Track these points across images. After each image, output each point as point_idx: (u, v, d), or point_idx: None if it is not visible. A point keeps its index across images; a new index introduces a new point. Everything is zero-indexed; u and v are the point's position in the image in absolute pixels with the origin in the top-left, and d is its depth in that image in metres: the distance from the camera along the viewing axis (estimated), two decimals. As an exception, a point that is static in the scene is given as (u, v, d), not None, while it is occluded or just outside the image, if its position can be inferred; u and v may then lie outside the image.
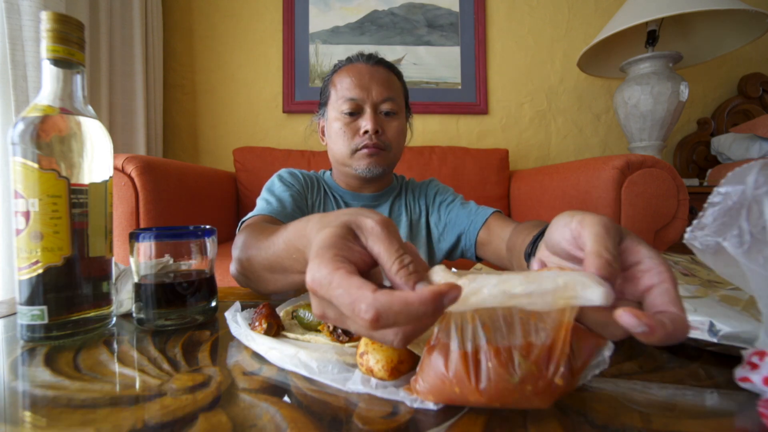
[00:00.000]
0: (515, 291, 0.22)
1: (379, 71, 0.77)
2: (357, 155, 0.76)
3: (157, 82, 1.67)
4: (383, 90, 0.75)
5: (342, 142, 0.76)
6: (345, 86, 0.75)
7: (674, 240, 1.06)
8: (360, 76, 0.75)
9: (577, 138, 1.91)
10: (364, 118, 0.74)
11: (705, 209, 0.25)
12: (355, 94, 0.74)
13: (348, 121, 0.75)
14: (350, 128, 0.75)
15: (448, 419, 0.22)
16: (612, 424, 0.21)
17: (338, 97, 0.76)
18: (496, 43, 1.86)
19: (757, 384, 0.22)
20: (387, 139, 0.76)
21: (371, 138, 0.73)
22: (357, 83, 0.74)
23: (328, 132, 0.80)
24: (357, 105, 0.74)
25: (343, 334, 0.32)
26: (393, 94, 0.76)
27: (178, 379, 0.28)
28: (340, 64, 0.81)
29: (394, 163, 0.81)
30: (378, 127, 0.73)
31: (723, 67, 1.89)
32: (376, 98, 0.74)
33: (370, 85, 0.74)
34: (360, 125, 0.74)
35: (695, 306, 0.32)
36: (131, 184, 1.00)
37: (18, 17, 1.09)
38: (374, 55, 0.79)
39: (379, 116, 0.75)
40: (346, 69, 0.77)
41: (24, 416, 0.24)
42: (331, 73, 0.81)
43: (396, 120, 0.77)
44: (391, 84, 0.77)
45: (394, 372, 0.25)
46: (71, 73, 0.38)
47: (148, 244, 0.39)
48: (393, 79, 0.79)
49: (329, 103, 0.79)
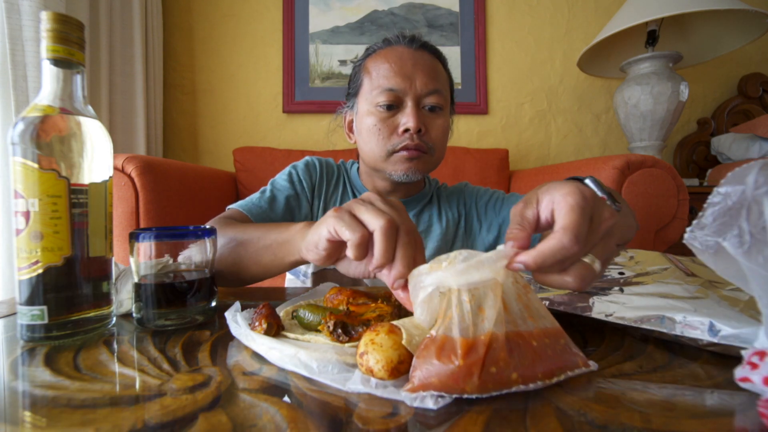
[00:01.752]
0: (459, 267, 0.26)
1: (424, 57, 0.64)
2: (394, 158, 0.64)
3: (157, 82, 1.67)
4: (429, 80, 0.62)
5: (376, 142, 0.64)
6: (382, 74, 0.63)
7: (674, 240, 1.06)
8: (401, 62, 0.62)
9: (577, 138, 1.91)
10: (404, 114, 0.62)
11: (705, 209, 0.25)
12: (394, 84, 0.62)
13: (384, 117, 0.63)
14: (387, 125, 0.63)
15: (448, 419, 0.22)
16: (612, 424, 0.21)
17: (373, 87, 0.64)
18: (496, 43, 1.86)
19: (757, 384, 0.22)
20: (431, 140, 0.64)
21: (413, 138, 0.62)
22: (397, 70, 0.62)
23: (358, 128, 0.68)
24: (397, 97, 0.62)
25: (343, 334, 0.32)
26: (439, 85, 0.64)
27: (178, 379, 0.28)
28: (375, 46, 0.68)
29: (434, 168, 0.70)
30: (421, 124, 0.62)
31: (723, 67, 1.89)
32: (420, 90, 0.62)
33: (414, 74, 0.62)
34: (399, 122, 0.63)
35: (695, 306, 0.32)
36: (131, 184, 1.00)
37: (18, 17, 1.09)
38: (418, 37, 0.66)
39: (422, 112, 0.63)
40: (384, 53, 0.65)
41: (24, 416, 0.24)
42: (364, 57, 0.68)
43: (441, 117, 0.65)
44: (438, 73, 0.65)
45: (394, 372, 0.25)
46: (71, 73, 0.38)
47: (148, 244, 0.39)
48: (439, 67, 0.66)
49: (360, 94, 0.67)
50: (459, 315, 0.25)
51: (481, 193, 0.79)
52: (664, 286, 0.37)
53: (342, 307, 0.38)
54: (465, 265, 0.26)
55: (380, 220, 0.33)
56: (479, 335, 0.24)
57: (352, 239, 0.34)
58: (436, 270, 0.27)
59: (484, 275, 0.26)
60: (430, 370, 0.24)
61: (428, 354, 0.24)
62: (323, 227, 0.36)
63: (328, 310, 0.36)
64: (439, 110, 0.65)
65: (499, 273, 0.26)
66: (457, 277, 0.26)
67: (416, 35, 0.66)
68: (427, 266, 0.28)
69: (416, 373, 0.24)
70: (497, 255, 0.27)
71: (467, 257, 0.27)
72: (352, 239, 0.34)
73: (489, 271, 0.26)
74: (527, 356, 0.25)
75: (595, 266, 0.29)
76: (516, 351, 0.25)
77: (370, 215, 0.34)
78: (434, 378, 0.24)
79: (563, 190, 0.30)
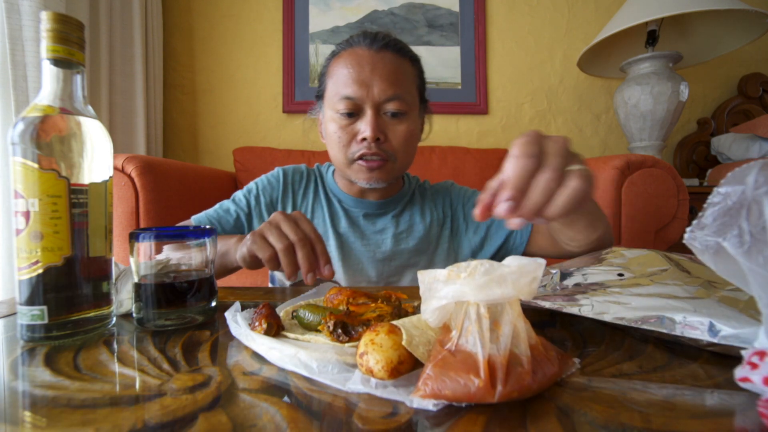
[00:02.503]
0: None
1: (386, 59, 0.62)
2: (355, 166, 0.65)
3: (157, 82, 1.67)
4: (387, 86, 0.61)
5: (338, 149, 0.64)
6: (341, 80, 0.62)
7: (674, 240, 1.06)
8: (359, 67, 0.61)
9: (577, 138, 1.90)
10: (363, 121, 0.62)
11: (705, 209, 0.25)
12: (351, 92, 0.61)
13: (344, 124, 0.63)
14: (347, 133, 0.63)
15: (448, 419, 0.22)
16: (612, 424, 0.21)
17: (334, 93, 0.63)
18: (496, 43, 1.86)
19: (757, 384, 0.22)
20: (391, 148, 0.63)
21: (370, 147, 0.62)
22: (355, 77, 0.60)
23: (324, 132, 0.69)
24: (355, 104, 0.61)
25: (343, 334, 0.32)
26: (401, 90, 0.62)
27: (178, 379, 0.28)
28: (338, 47, 0.67)
29: (401, 173, 0.70)
30: (379, 133, 0.61)
31: (723, 67, 1.89)
32: (379, 97, 0.61)
33: (372, 80, 0.60)
34: (358, 129, 0.62)
35: (695, 306, 0.32)
36: (131, 184, 1.00)
37: (18, 17, 1.09)
38: (381, 35, 0.63)
39: (382, 118, 0.62)
40: (345, 55, 0.63)
41: (24, 416, 0.24)
42: (329, 59, 0.67)
43: (404, 123, 0.63)
44: (401, 75, 0.63)
45: (393, 372, 0.25)
46: (71, 73, 0.38)
47: (148, 244, 0.39)
48: (404, 67, 0.64)
49: (325, 98, 0.67)
50: (479, 331, 0.24)
51: (469, 195, 0.78)
52: (664, 287, 0.37)
53: (342, 307, 0.38)
54: (486, 279, 0.24)
55: (279, 243, 0.46)
56: (500, 353, 0.24)
57: (263, 258, 0.47)
58: (454, 280, 0.26)
59: (506, 292, 0.24)
60: (446, 383, 0.23)
61: (446, 367, 0.24)
62: (245, 247, 0.49)
63: (328, 310, 0.36)
64: (402, 116, 0.63)
65: (522, 291, 0.25)
66: (476, 291, 0.25)
67: (380, 34, 0.63)
68: (445, 273, 0.27)
69: (430, 383, 0.24)
70: (520, 270, 0.25)
71: (488, 270, 0.25)
72: (263, 258, 0.47)
73: (511, 288, 0.24)
74: (545, 370, 0.25)
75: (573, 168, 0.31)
76: (538, 369, 0.24)
77: (274, 238, 0.46)
78: (449, 391, 0.23)
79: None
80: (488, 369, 0.23)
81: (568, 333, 0.37)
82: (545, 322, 0.39)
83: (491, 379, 0.23)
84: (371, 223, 0.73)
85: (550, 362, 0.26)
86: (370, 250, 0.71)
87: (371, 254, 0.70)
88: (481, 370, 0.23)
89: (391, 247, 0.71)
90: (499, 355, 0.24)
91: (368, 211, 0.73)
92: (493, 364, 0.23)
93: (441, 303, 0.26)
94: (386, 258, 0.71)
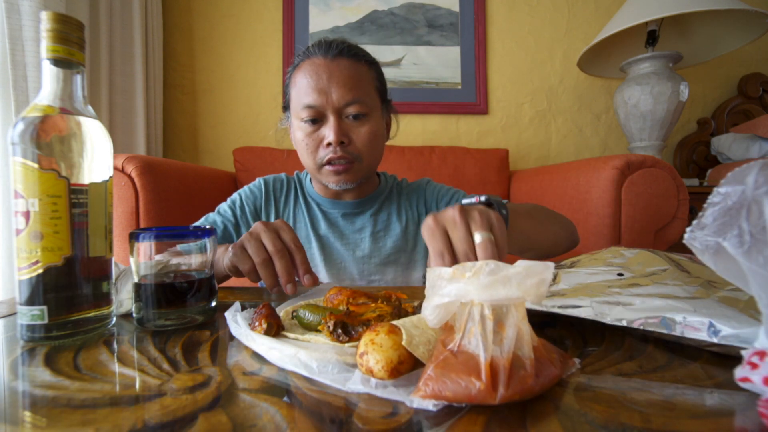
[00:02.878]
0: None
1: (341, 65, 0.64)
2: (324, 171, 0.67)
3: (157, 82, 1.67)
4: (345, 91, 0.63)
5: (307, 155, 0.67)
6: (302, 90, 0.64)
7: (674, 240, 1.06)
8: (317, 76, 0.63)
9: (577, 138, 1.91)
10: (326, 127, 0.64)
11: (705, 209, 0.25)
12: (312, 100, 0.63)
13: (310, 131, 0.65)
14: (313, 139, 0.65)
15: (448, 419, 0.22)
16: (612, 424, 0.21)
17: (297, 102, 0.66)
18: (496, 43, 1.86)
19: (757, 384, 0.22)
20: (356, 150, 0.66)
21: (336, 151, 0.64)
22: (314, 85, 0.63)
23: (293, 140, 0.71)
24: (317, 112, 0.64)
25: (343, 334, 0.32)
26: (359, 93, 0.64)
27: (178, 379, 0.28)
28: (297, 58, 0.68)
29: (370, 172, 0.71)
30: (343, 137, 0.64)
31: (723, 67, 1.89)
32: (338, 102, 0.63)
33: (330, 87, 0.63)
34: (323, 135, 0.65)
35: (695, 306, 0.32)
36: (131, 184, 1.00)
37: (18, 17, 1.09)
38: (336, 42, 0.66)
39: (345, 122, 0.65)
40: (304, 66, 0.65)
41: (24, 416, 0.24)
42: (291, 70, 0.70)
43: (366, 124, 0.66)
44: (358, 80, 0.65)
45: (393, 372, 0.25)
46: (71, 73, 0.38)
47: (148, 244, 0.39)
48: (361, 71, 0.66)
49: (291, 107, 0.69)
50: (482, 332, 0.24)
51: (443, 193, 0.79)
52: (664, 287, 0.37)
53: (342, 307, 0.38)
54: (491, 279, 0.24)
55: (257, 256, 0.47)
56: (503, 356, 0.24)
57: (243, 270, 0.48)
58: (459, 278, 0.26)
59: (511, 293, 0.24)
60: (447, 384, 0.23)
61: (447, 368, 0.24)
62: (227, 258, 0.50)
63: (328, 310, 0.36)
64: (363, 117, 0.65)
65: (528, 293, 0.24)
66: (481, 291, 0.24)
67: (335, 42, 0.66)
68: (450, 272, 0.26)
69: (430, 384, 0.24)
70: (526, 271, 0.25)
71: (494, 270, 0.25)
72: (243, 270, 0.48)
73: (516, 289, 0.24)
74: (548, 373, 0.25)
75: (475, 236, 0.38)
76: (540, 371, 0.24)
77: (252, 250, 0.47)
78: (449, 392, 0.23)
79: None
80: (490, 371, 0.23)
81: (568, 333, 0.37)
82: (545, 322, 0.39)
83: (493, 382, 0.23)
84: (350, 223, 0.76)
85: (552, 364, 0.26)
86: (350, 250, 0.73)
87: (351, 253, 0.73)
88: (482, 372, 0.23)
89: (369, 245, 0.74)
90: (502, 358, 0.24)
91: (346, 211, 0.76)
92: (495, 367, 0.23)
93: (443, 301, 0.26)
94: (366, 256, 0.73)
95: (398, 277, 0.74)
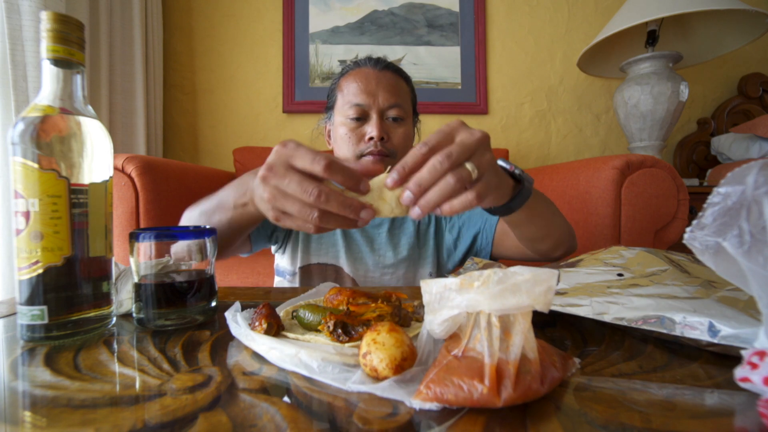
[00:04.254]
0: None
1: (387, 76, 0.76)
2: (362, 161, 0.74)
3: (157, 82, 1.67)
4: (390, 96, 0.74)
5: (347, 147, 0.75)
6: (351, 91, 0.75)
7: (674, 240, 1.06)
8: (367, 81, 0.74)
9: (577, 138, 1.91)
10: (369, 124, 0.73)
11: (705, 209, 0.25)
12: (361, 100, 0.73)
13: (354, 127, 0.74)
14: (356, 134, 0.74)
15: (448, 419, 0.22)
16: (612, 424, 0.22)
17: (344, 102, 0.75)
18: (496, 43, 1.86)
19: (757, 384, 0.22)
20: (393, 146, 0.75)
21: (376, 145, 0.73)
22: (363, 89, 0.74)
23: (333, 136, 0.80)
24: (363, 111, 0.74)
25: (343, 334, 0.32)
26: (400, 100, 0.75)
27: (178, 379, 0.28)
28: (347, 67, 0.80)
29: None
30: (384, 133, 0.73)
31: (723, 67, 1.89)
32: (383, 104, 0.73)
33: (377, 91, 0.73)
34: (365, 131, 0.74)
35: (695, 306, 0.32)
36: (131, 184, 1.00)
37: (18, 17, 1.09)
38: (382, 59, 0.79)
39: (385, 122, 0.74)
40: (353, 73, 0.77)
41: (24, 416, 0.24)
42: (338, 77, 0.81)
43: (402, 126, 0.76)
44: (399, 89, 0.76)
45: (398, 369, 0.25)
46: (71, 73, 0.38)
47: (148, 244, 0.39)
48: (401, 84, 0.78)
49: (335, 108, 0.79)
50: (488, 338, 0.24)
51: None
52: (664, 287, 0.37)
53: (342, 307, 0.38)
54: (500, 288, 0.24)
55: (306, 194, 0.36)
56: (509, 361, 0.24)
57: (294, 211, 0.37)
58: (467, 289, 0.25)
59: (521, 301, 0.24)
60: (449, 387, 0.23)
61: (450, 372, 0.24)
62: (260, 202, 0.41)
63: (328, 310, 0.36)
64: (400, 120, 0.76)
65: (537, 300, 0.24)
66: (491, 301, 0.24)
67: (381, 58, 0.79)
68: (457, 282, 0.26)
69: (432, 386, 0.24)
70: (534, 279, 0.25)
71: (502, 279, 0.25)
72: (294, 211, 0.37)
73: (526, 297, 0.24)
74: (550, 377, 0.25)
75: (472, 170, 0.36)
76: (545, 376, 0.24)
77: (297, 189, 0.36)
78: (451, 395, 0.23)
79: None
80: (495, 375, 0.23)
81: (568, 333, 0.37)
82: (545, 322, 0.39)
83: (497, 386, 0.23)
84: None
85: (554, 367, 0.26)
86: (368, 243, 0.79)
87: (369, 246, 0.79)
88: (486, 376, 0.23)
89: (386, 240, 0.80)
90: (508, 363, 0.24)
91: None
92: (500, 371, 0.23)
93: (453, 313, 0.26)
94: (381, 250, 0.79)
95: (409, 272, 0.79)
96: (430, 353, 0.28)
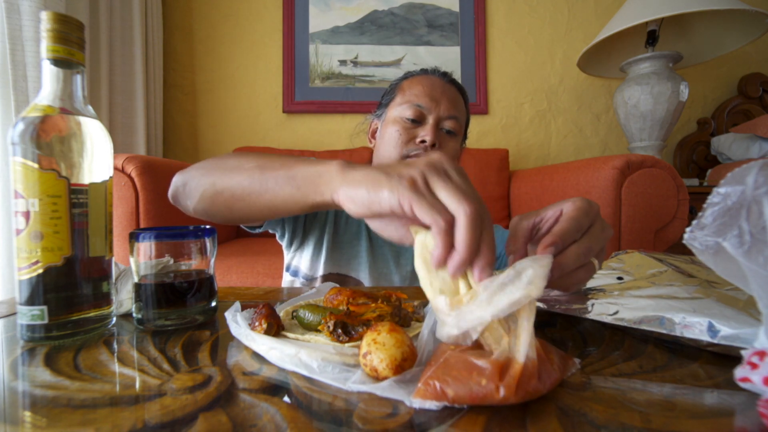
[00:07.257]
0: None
1: (451, 89, 0.76)
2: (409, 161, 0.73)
3: (157, 82, 1.67)
4: (451, 107, 0.73)
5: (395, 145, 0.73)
6: (414, 92, 0.74)
7: (674, 240, 1.06)
8: (432, 87, 0.74)
9: (577, 138, 1.91)
10: (424, 129, 0.72)
11: (705, 209, 0.25)
12: (423, 102, 0.72)
13: (408, 127, 0.73)
14: (408, 134, 0.73)
15: (448, 419, 0.22)
16: (612, 424, 0.21)
17: (404, 101, 0.74)
18: (496, 43, 1.86)
19: (757, 384, 0.22)
20: None
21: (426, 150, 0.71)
22: (427, 93, 0.73)
23: (381, 133, 0.78)
24: (422, 114, 0.73)
25: (343, 334, 0.32)
26: (458, 114, 0.75)
27: (178, 379, 0.28)
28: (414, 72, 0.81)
29: None
30: (436, 140, 0.71)
31: (723, 67, 1.89)
32: (443, 113, 0.73)
33: (441, 98, 0.73)
34: (418, 134, 0.72)
35: (694, 307, 0.32)
36: (131, 184, 1.00)
37: (18, 17, 1.09)
38: (449, 73, 0.79)
39: (439, 131, 0.73)
40: (420, 78, 0.77)
41: (24, 416, 0.24)
42: (401, 78, 0.81)
43: (453, 140, 0.75)
44: (459, 104, 0.76)
45: (398, 369, 0.25)
46: (71, 73, 0.38)
47: (148, 244, 0.39)
48: (461, 101, 0.78)
49: (391, 105, 0.78)
50: (489, 335, 0.25)
51: None
52: (663, 288, 0.37)
53: (342, 307, 0.38)
54: (487, 294, 0.25)
55: (465, 205, 0.28)
56: (510, 357, 0.24)
57: (438, 227, 0.28)
58: (457, 306, 0.26)
59: (512, 296, 0.24)
60: (449, 384, 0.23)
61: (450, 368, 0.24)
62: (389, 193, 0.31)
63: (328, 310, 0.36)
64: (453, 134, 0.75)
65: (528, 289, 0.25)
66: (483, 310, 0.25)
67: (447, 72, 0.79)
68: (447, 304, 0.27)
69: (432, 383, 0.24)
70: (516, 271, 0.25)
71: (486, 284, 0.26)
72: (438, 227, 0.28)
73: (515, 290, 0.25)
74: (551, 376, 0.25)
75: (595, 264, 0.36)
76: (543, 373, 0.24)
77: (451, 197, 0.29)
78: (451, 392, 0.23)
79: (572, 199, 0.36)
80: (497, 371, 0.23)
81: (568, 333, 0.37)
82: (545, 323, 0.39)
83: (498, 382, 0.23)
84: None
85: (553, 366, 0.26)
86: (394, 253, 0.79)
87: (395, 254, 0.79)
88: (487, 371, 0.23)
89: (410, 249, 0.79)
90: (509, 359, 0.24)
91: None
92: (500, 367, 0.23)
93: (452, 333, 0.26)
94: (405, 258, 0.79)
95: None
96: (431, 353, 0.28)
